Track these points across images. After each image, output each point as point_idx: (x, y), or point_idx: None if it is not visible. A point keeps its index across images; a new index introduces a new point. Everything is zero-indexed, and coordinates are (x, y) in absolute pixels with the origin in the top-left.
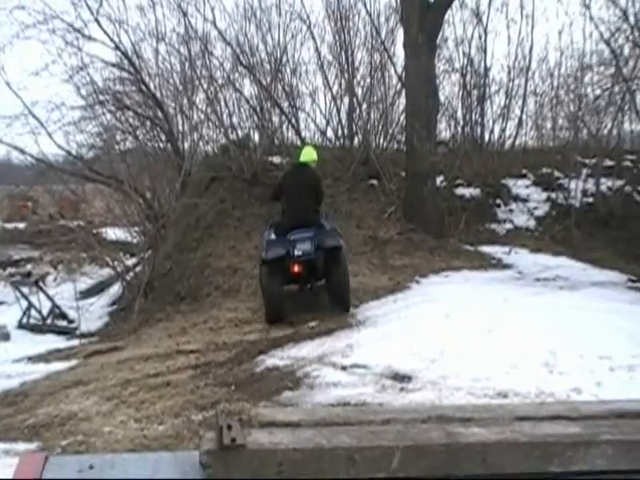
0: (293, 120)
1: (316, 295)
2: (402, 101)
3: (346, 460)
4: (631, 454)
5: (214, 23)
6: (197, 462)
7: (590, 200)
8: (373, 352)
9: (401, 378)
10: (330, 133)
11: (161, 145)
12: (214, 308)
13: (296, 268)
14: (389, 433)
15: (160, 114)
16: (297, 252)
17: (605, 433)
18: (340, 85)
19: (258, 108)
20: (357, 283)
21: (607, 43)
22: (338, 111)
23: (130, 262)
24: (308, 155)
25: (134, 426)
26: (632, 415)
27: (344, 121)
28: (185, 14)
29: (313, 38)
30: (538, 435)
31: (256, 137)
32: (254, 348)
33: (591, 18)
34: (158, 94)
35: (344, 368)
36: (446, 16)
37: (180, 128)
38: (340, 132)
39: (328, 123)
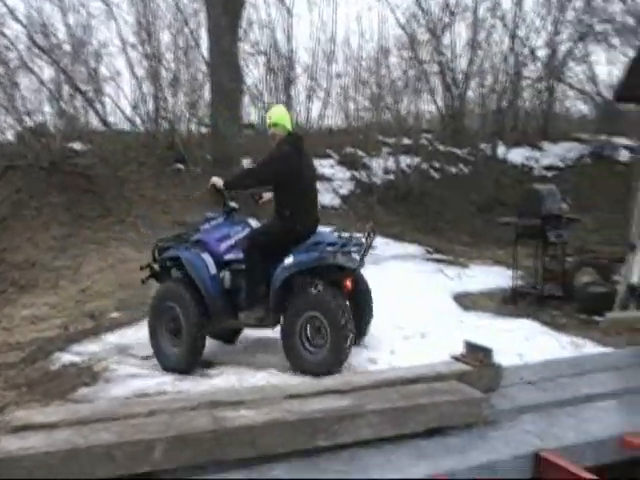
0: (97, 105)
1: None
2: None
3: (105, 458)
4: (396, 420)
5: None
6: None
7: (391, 177)
8: None
9: (203, 364)
10: (137, 119)
11: None
12: (8, 305)
13: (349, 284)
14: (153, 425)
15: None
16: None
17: (372, 403)
18: (145, 69)
19: (57, 93)
20: None
21: (403, 28)
22: (143, 96)
23: None
24: (287, 116)
25: None
26: (400, 382)
27: (150, 105)
28: None
29: (115, 20)
30: (306, 412)
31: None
32: (51, 345)
33: (387, 3)
34: None
35: (144, 359)
36: None
37: None
38: (146, 117)
39: (134, 108)
